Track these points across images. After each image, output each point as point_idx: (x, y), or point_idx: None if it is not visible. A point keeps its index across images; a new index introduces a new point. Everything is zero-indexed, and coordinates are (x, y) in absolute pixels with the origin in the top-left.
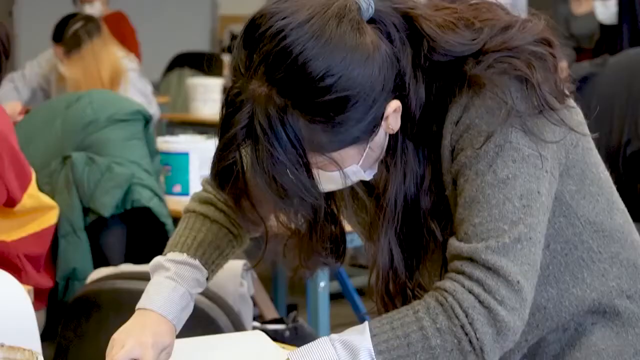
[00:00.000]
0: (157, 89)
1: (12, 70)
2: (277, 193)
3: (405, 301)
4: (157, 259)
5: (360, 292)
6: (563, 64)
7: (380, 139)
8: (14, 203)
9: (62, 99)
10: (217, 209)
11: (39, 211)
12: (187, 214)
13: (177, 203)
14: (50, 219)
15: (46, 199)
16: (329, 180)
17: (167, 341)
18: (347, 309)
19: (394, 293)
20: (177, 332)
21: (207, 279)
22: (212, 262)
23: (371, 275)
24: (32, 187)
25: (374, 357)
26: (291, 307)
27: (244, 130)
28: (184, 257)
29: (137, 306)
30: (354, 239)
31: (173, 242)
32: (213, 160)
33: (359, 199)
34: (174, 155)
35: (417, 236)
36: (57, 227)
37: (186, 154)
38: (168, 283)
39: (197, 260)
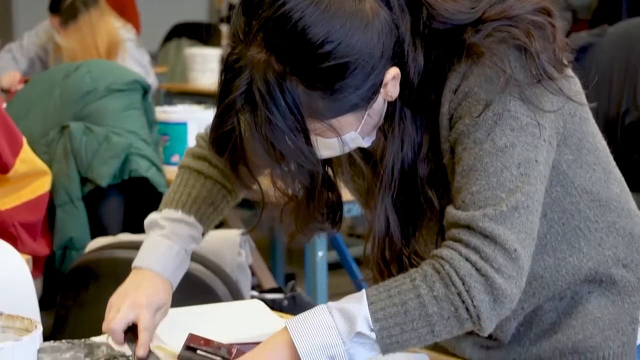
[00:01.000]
0: (155, 59)
1: (10, 41)
2: (275, 159)
3: (402, 269)
4: (152, 216)
5: (358, 261)
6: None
7: (378, 106)
8: (7, 169)
9: (61, 69)
10: (211, 164)
11: (32, 176)
12: (182, 170)
13: (175, 173)
14: (44, 185)
15: (39, 163)
16: (327, 146)
17: (162, 299)
18: (345, 278)
19: (390, 260)
20: (173, 290)
21: (202, 234)
22: (207, 217)
23: (367, 242)
24: (25, 151)
25: (371, 324)
26: (289, 277)
27: (243, 96)
28: (179, 214)
29: (133, 265)
30: (352, 209)
31: (168, 199)
32: (211, 126)
33: (357, 166)
34: (172, 125)
35: (414, 203)
36: (54, 197)
37: (184, 124)
38: (163, 241)
39: (192, 217)
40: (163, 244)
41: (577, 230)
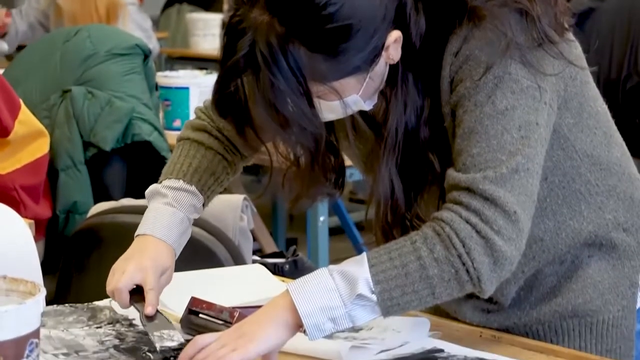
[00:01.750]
0: (157, 24)
1: (11, 7)
2: (277, 122)
3: (404, 232)
4: (154, 186)
5: (360, 226)
6: None
7: (380, 69)
8: (7, 132)
9: (60, 33)
10: (211, 135)
11: (31, 138)
12: (181, 142)
13: (177, 137)
14: (43, 147)
15: (37, 124)
16: (329, 109)
17: (167, 263)
18: (346, 243)
19: (393, 223)
20: (176, 257)
21: (203, 205)
22: (207, 188)
23: (369, 207)
24: (23, 113)
25: (372, 287)
26: (291, 242)
27: (245, 58)
28: (180, 183)
29: (136, 233)
30: (354, 173)
31: (168, 170)
32: (214, 89)
33: (359, 130)
34: (174, 90)
35: (416, 167)
36: (57, 161)
37: (186, 89)
38: (166, 209)
39: (193, 186)
40: (167, 211)
41: (577, 194)
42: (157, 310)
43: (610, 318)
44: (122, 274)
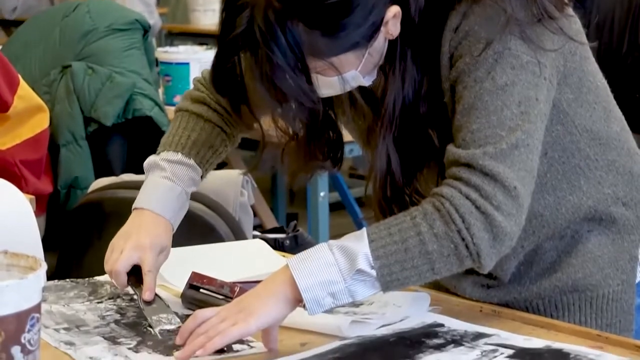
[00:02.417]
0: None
1: None
2: (275, 98)
3: (403, 208)
4: (152, 158)
5: (360, 202)
6: None
7: (379, 45)
8: (6, 107)
9: (59, 8)
10: (210, 108)
11: (30, 112)
12: (180, 113)
13: None
14: (43, 122)
15: (37, 98)
16: (327, 85)
17: (164, 241)
18: (347, 219)
19: (391, 199)
20: (174, 232)
21: (201, 177)
22: (206, 161)
23: (368, 183)
24: (22, 88)
25: (372, 262)
26: (291, 217)
27: (243, 35)
28: (179, 156)
29: (134, 205)
30: (354, 149)
31: (167, 141)
32: (212, 65)
33: (358, 106)
34: (174, 65)
35: (415, 143)
36: (58, 137)
37: (187, 64)
38: (165, 183)
39: (191, 159)
40: (165, 186)
41: (577, 169)
42: (156, 294)
43: (610, 292)
44: (120, 253)
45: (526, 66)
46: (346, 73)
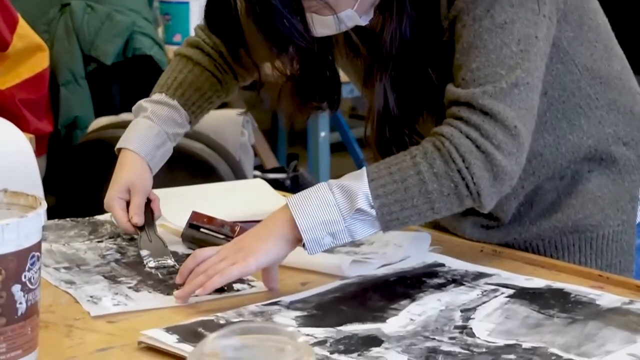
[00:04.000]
0: None
1: None
2: (271, 38)
3: (402, 149)
4: (139, 101)
5: (361, 142)
6: None
7: None
8: (6, 46)
9: None
10: (202, 52)
11: (30, 51)
12: (174, 57)
13: None
14: (42, 62)
15: (36, 37)
16: (323, 25)
17: (144, 181)
18: (347, 159)
19: (390, 139)
20: (154, 172)
21: (190, 122)
22: (192, 103)
23: (367, 124)
24: (21, 27)
25: (371, 201)
26: (292, 157)
27: None
28: (162, 97)
29: (116, 146)
30: (354, 90)
31: (157, 84)
32: (206, 5)
33: (355, 46)
34: (174, 4)
35: (413, 83)
36: (57, 76)
37: (187, 3)
38: (144, 122)
39: (175, 100)
40: (144, 125)
41: (577, 108)
42: (158, 235)
43: (610, 233)
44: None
45: (525, 4)
46: (342, 12)
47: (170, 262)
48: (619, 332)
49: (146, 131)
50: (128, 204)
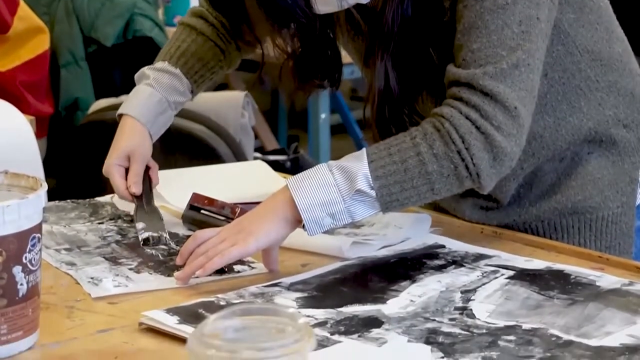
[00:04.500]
0: None
1: None
2: (272, 14)
3: (402, 129)
4: (142, 69)
5: (361, 124)
6: None
7: None
8: (6, 28)
9: None
10: (206, 21)
11: (30, 33)
12: (178, 27)
13: None
14: (43, 44)
15: (37, 20)
16: (324, 1)
17: (143, 148)
18: (348, 141)
19: (390, 119)
20: (154, 139)
21: (192, 92)
22: (194, 72)
23: (367, 104)
24: (21, 9)
25: (371, 182)
26: (292, 139)
27: None
28: (164, 65)
29: (117, 112)
30: (355, 71)
31: (160, 53)
32: None
33: (356, 24)
34: None
35: (414, 62)
36: (57, 58)
37: None
38: (146, 89)
39: (177, 68)
40: (145, 92)
41: (577, 90)
42: (154, 205)
43: (609, 215)
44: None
45: None
46: None
47: (165, 235)
48: (619, 313)
49: (147, 98)
50: (127, 171)
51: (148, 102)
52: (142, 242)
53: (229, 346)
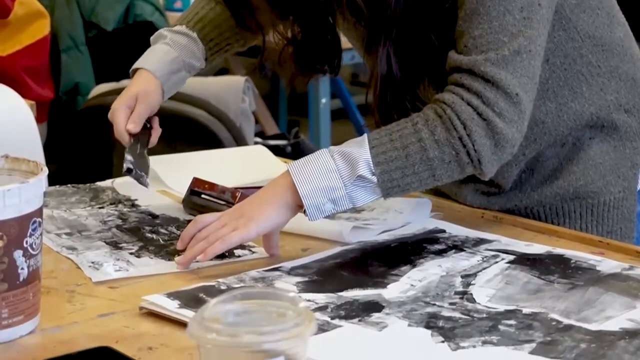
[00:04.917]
0: None
1: None
2: (275, 1)
3: (403, 114)
4: (160, 30)
5: (362, 109)
6: None
7: None
8: (7, 13)
9: None
10: None
11: (31, 18)
12: None
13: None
14: (43, 28)
15: (37, 4)
16: None
17: (152, 95)
18: (348, 126)
19: (391, 104)
20: (166, 97)
21: (206, 59)
22: (210, 39)
23: (369, 90)
24: None
25: (373, 168)
26: (293, 124)
27: None
28: (182, 28)
29: (131, 68)
30: (355, 56)
31: (178, 18)
32: None
33: (358, 9)
34: None
35: (416, 48)
36: (58, 42)
37: None
38: (162, 47)
39: (195, 33)
40: (162, 50)
41: (579, 75)
42: (146, 155)
43: (611, 199)
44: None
45: None
46: None
47: (147, 179)
48: (619, 297)
49: (164, 55)
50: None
51: (164, 59)
52: (124, 169)
53: (229, 330)
